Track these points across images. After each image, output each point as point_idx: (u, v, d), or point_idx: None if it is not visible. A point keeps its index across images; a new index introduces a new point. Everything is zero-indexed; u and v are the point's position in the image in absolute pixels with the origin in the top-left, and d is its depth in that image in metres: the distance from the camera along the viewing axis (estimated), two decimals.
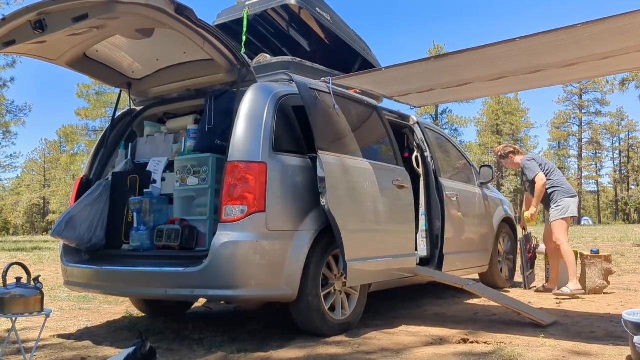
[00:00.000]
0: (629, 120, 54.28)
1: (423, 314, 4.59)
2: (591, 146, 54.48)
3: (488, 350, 3.23)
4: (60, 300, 5.49)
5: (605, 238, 13.40)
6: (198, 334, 3.71)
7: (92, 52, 3.88)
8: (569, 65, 3.98)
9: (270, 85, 3.79)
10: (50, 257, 9.93)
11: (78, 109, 41.18)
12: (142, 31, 3.46)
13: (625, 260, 8.96)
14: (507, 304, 4.21)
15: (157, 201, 3.82)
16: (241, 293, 3.25)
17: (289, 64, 4.35)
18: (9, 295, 2.76)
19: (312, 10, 4.82)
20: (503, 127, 50.31)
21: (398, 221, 4.22)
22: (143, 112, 4.42)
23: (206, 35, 3.36)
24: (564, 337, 3.61)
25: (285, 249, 3.38)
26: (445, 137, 5.80)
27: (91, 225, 3.93)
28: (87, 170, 4.30)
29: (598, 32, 3.36)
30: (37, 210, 57.10)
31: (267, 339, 3.56)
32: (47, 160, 56.58)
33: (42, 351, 3.31)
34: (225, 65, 3.64)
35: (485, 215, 5.79)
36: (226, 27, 4.98)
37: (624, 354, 3.12)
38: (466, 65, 4.01)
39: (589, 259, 5.82)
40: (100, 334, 3.85)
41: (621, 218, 53.01)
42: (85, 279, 3.83)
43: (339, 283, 3.77)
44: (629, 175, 55.95)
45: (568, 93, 52.07)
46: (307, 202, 3.54)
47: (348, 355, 3.17)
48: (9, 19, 3.24)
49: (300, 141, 3.72)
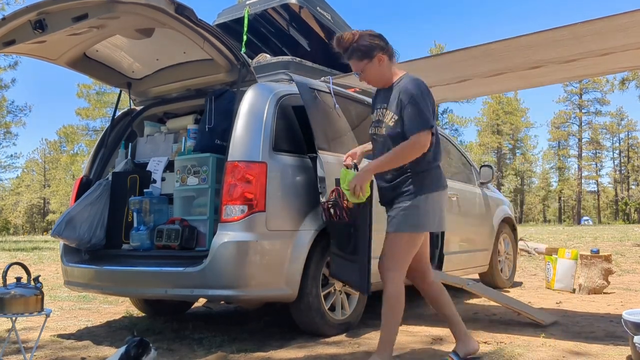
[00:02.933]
0: (629, 120, 54.39)
1: (423, 314, 4.59)
2: (591, 146, 54.52)
3: (488, 350, 3.23)
4: (60, 300, 5.49)
5: (605, 238, 13.40)
6: (198, 334, 3.71)
7: (92, 52, 3.88)
8: (568, 61, 3.98)
9: (270, 85, 3.79)
10: (50, 257, 9.94)
11: (78, 109, 41.25)
12: (142, 31, 3.46)
13: (625, 260, 8.96)
14: (507, 303, 4.21)
15: (157, 201, 3.82)
16: (241, 293, 3.25)
17: (289, 64, 4.34)
18: (9, 295, 2.76)
19: (312, 9, 4.82)
20: (503, 126, 50.36)
21: None
22: (143, 112, 4.41)
23: (206, 35, 3.36)
24: (564, 337, 3.61)
25: (285, 248, 3.38)
26: (445, 137, 5.79)
27: (91, 225, 3.93)
28: (87, 170, 4.30)
29: (598, 29, 3.37)
30: (37, 210, 57.14)
31: (267, 339, 3.56)
32: (47, 160, 56.60)
33: (42, 351, 3.31)
34: (225, 65, 3.64)
35: (485, 215, 5.78)
36: (226, 27, 4.98)
37: (624, 354, 3.11)
38: (466, 61, 4.02)
39: (589, 259, 5.82)
40: (100, 334, 3.85)
41: (621, 218, 53.00)
42: (85, 278, 3.82)
43: (339, 283, 3.77)
44: (629, 175, 55.98)
45: (568, 93, 52.16)
46: (307, 202, 3.54)
47: (348, 355, 3.17)
48: (9, 18, 3.24)
49: (300, 141, 3.72)
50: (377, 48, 2.79)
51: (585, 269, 5.84)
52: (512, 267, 6.43)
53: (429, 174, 2.78)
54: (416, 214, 2.73)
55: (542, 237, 14.13)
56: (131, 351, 2.43)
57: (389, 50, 2.83)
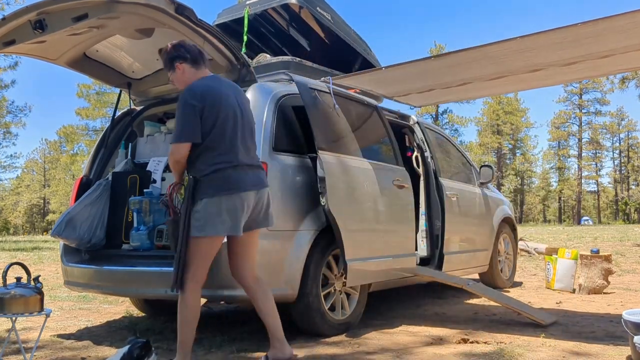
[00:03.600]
0: (629, 120, 54.40)
1: (423, 313, 4.59)
2: (591, 146, 54.52)
3: (488, 350, 3.23)
4: (60, 300, 5.49)
5: (605, 238, 13.41)
6: (198, 334, 3.70)
7: (92, 52, 3.87)
8: (569, 64, 3.98)
9: (270, 85, 3.79)
10: (50, 257, 9.94)
11: (78, 109, 41.26)
12: (142, 31, 3.46)
13: (625, 260, 8.95)
14: (507, 303, 4.21)
15: (157, 201, 3.82)
16: (241, 293, 3.24)
17: (289, 64, 4.35)
18: (9, 295, 2.77)
19: (312, 9, 4.82)
20: (503, 126, 50.37)
21: (398, 221, 4.22)
22: (143, 112, 4.41)
23: (206, 35, 3.36)
24: (564, 337, 3.61)
25: (285, 248, 3.38)
26: (446, 137, 5.79)
27: (91, 225, 3.93)
28: (87, 170, 4.30)
29: (598, 31, 3.37)
30: (37, 210, 57.13)
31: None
32: (47, 160, 56.61)
33: (42, 351, 3.31)
34: (226, 65, 3.64)
35: (485, 215, 5.78)
36: (226, 27, 4.98)
37: (624, 354, 3.12)
38: (466, 64, 4.01)
39: (589, 259, 5.82)
40: (100, 334, 3.85)
41: (621, 218, 53.03)
42: (85, 278, 3.83)
43: (339, 283, 3.77)
44: (629, 175, 55.98)
45: (568, 93, 52.18)
46: (307, 202, 3.54)
47: (348, 355, 3.17)
48: (9, 18, 3.24)
49: (300, 141, 3.72)
50: (177, 58, 2.88)
51: (585, 269, 5.84)
52: (512, 267, 6.43)
53: (210, 179, 2.75)
54: (198, 217, 2.74)
55: (542, 237, 14.13)
56: (134, 352, 2.43)
57: (189, 58, 2.88)
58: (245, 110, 2.93)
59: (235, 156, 2.79)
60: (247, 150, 2.86)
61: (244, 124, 2.86)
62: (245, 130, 2.87)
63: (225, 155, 2.77)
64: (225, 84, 2.91)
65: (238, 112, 2.84)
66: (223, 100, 2.79)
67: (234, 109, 2.82)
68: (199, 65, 2.90)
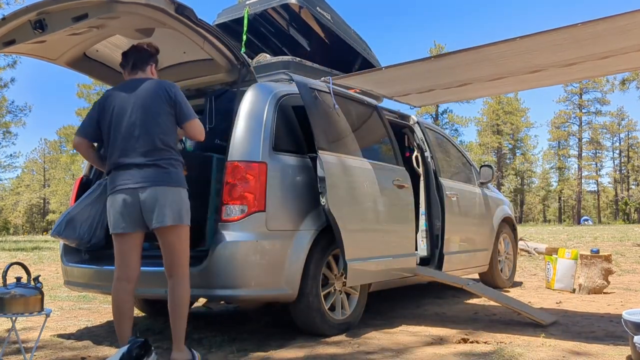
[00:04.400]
0: (629, 120, 54.37)
1: (423, 313, 4.59)
2: (591, 146, 54.49)
3: (488, 350, 3.23)
4: (60, 300, 5.49)
5: (605, 238, 13.40)
6: (198, 334, 3.71)
7: (92, 52, 3.87)
8: (569, 64, 3.98)
9: (270, 85, 3.79)
10: (50, 257, 9.94)
11: (78, 109, 41.21)
12: (142, 31, 3.45)
13: (625, 260, 8.96)
14: (507, 303, 4.21)
15: None
16: (241, 293, 3.25)
17: (289, 64, 4.35)
18: (9, 295, 2.77)
19: (312, 9, 4.82)
20: (503, 126, 50.35)
21: (398, 221, 4.22)
22: None
23: (206, 35, 3.36)
24: (564, 337, 3.61)
25: (285, 248, 3.38)
26: (445, 137, 5.80)
27: (91, 225, 3.91)
28: (87, 170, 4.29)
29: (598, 31, 3.36)
30: (37, 210, 57.13)
31: (267, 339, 3.56)
32: (47, 160, 56.62)
33: (42, 351, 3.31)
34: (225, 65, 3.64)
35: (485, 215, 5.79)
36: (226, 27, 4.98)
37: (624, 354, 3.12)
38: (466, 65, 4.01)
39: (589, 259, 5.82)
40: (100, 334, 3.85)
41: (621, 218, 53.01)
42: (85, 278, 3.83)
43: (339, 283, 3.77)
44: (629, 175, 55.96)
45: (568, 92, 52.11)
46: (307, 201, 3.54)
47: (348, 355, 3.17)
48: (9, 18, 3.23)
49: (300, 141, 3.72)
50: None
51: (585, 269, 5.84)
52: (512, 267, 6.43)
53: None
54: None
55: (542, 237, 14.12)
56: (133, 351, 2.44)
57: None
58: (143, 105, 2.91)
59: (113, 158, 2.97)
60: (131, 149, 2.90)
61: (134, 121, 2.89)
62: (135, 128, 2.88)
63: (109, 158, 3.00)
64: (128, 86, 3.00)
65: (129, 110, 2.90)
66: (110, 104, 2.97)
67: (119, 109, 2.93)
68: (124, 69, 3.11)
